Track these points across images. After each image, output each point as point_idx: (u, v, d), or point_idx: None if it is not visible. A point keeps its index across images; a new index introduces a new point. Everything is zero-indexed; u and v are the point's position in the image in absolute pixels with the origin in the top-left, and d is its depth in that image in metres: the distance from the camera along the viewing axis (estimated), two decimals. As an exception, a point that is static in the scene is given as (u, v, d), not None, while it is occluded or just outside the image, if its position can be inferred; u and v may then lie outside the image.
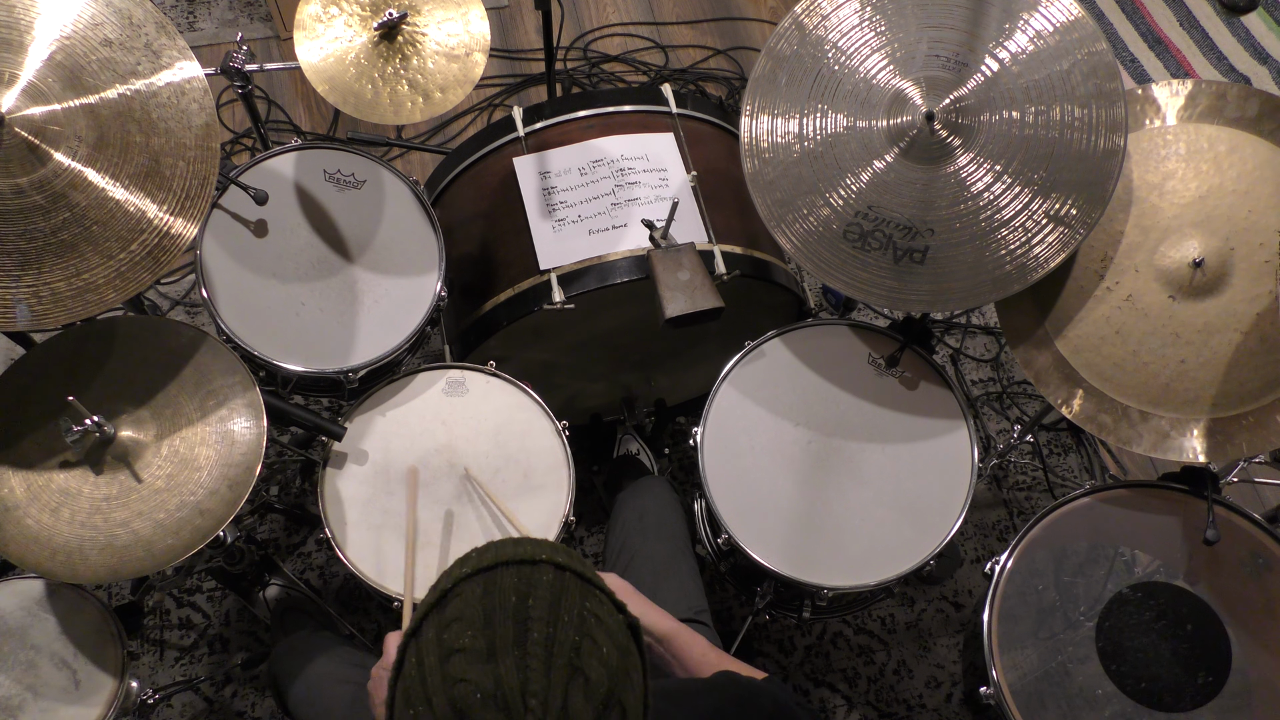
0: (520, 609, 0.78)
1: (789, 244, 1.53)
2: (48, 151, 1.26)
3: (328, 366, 1.62)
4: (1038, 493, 2.27)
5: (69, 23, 1.30)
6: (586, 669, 0.77)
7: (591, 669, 0.77)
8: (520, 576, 0.80)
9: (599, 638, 0.79)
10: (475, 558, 0.83)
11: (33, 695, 1.42)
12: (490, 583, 0.80)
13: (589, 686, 0.76)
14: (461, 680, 0.75)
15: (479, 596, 0.79)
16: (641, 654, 0.84)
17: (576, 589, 0.81)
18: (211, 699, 1.96)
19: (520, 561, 0.82)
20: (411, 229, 1.73)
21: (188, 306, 2.37)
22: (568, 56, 2.80)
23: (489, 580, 0.80)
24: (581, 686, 0.76)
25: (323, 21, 1.60)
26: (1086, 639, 1.48)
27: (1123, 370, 1.48)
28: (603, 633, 0.80)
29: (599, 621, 0.80)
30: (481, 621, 0.78)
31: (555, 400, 1.65)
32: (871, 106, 1.51)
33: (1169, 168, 1.50)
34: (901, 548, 1.54)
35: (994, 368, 2.42)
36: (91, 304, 1.27)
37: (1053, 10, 1.46)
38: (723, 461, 1.59)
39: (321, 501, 1.53)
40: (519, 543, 0.85)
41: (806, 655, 2.08)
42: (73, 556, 1.31)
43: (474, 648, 0.76)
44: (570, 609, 0.79)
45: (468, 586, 0.80)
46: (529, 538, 0.88)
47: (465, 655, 0.76)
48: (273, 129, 2.63)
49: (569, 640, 0.77)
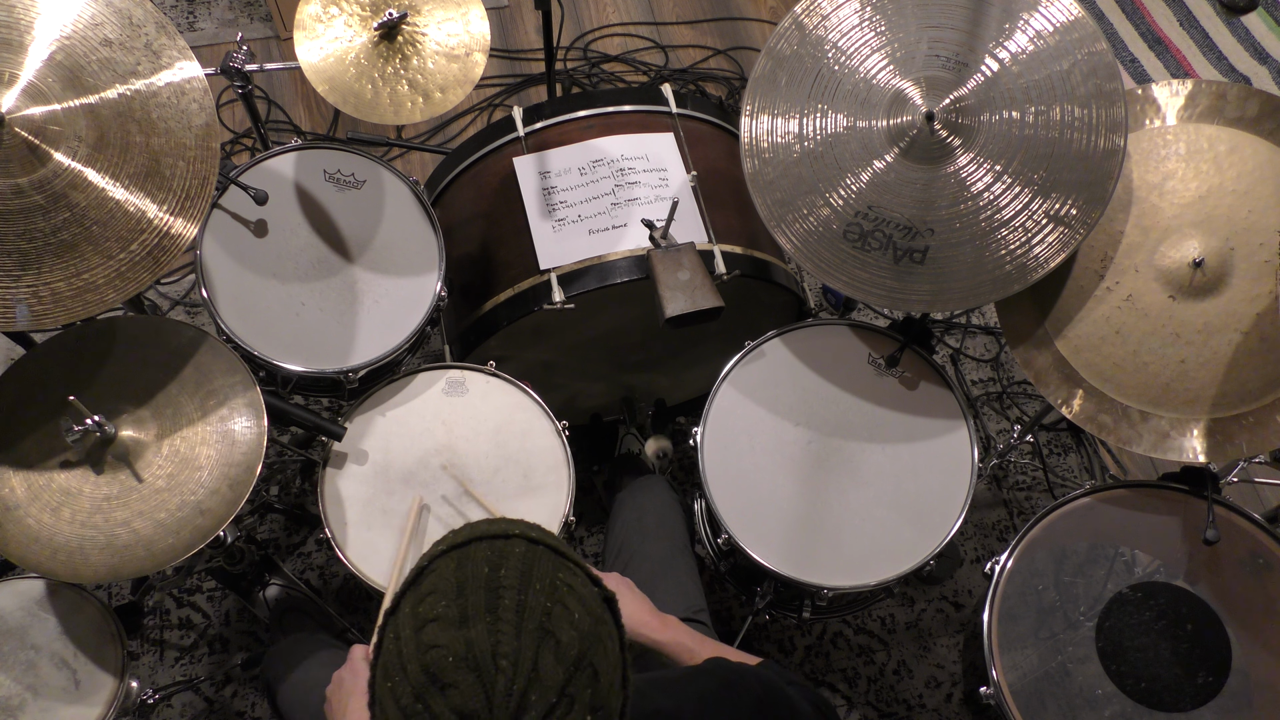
0: (492, 578, 0.80)
1: (789, 244, 1.53)
2: (48, 151, 1.26)
3: (328, 366, 1.62)
4: (1038, 493, 2.27)
5: (69, 23, 1.30)
6: (557, 632, 0.78)
7: (562, 632, 0.78)
8: (493, 549, 0.82)
9: (570, 604, 0.80)
10: (450, 537, 0.85)
11: (33, 695, 1.42)
12: (464, 557, 0.82)
13: (560, 648, 0.77)
14: (435, 646, 0.76)
15: (452, 570, 0.81)
16: (618, 627, 0.85)
17: (549, 560, 0.83)
18: (211, 699, 1.96)
19: (493, 536, 0.84)
20: (411, 229, 1.73)
21: (188, 306, 2.37)
22: (568, 56, 2.80)
23: (462, 555, 0.82)
24: (552, 648, 0.77)
25: (323, 21, 1.60)
26: (1086, 639, 1.48)
27: (1123, 370, 1.48)
28: (574, 600, 0.81)
29: (571, 590, 0.81)
30: (454, 592, 0.79)
31: (555, 400, 1.65)
32: (871, 106, 1.51)
33: (1169, 168, 1.50)
34: (901, 548, 1.54)
35: (994, 368, 2.42)
36: (91, 304, 1.27)
37: (1053, 10, 1.46)
38: (723, 461, 1.59)
39: (321, 501, 1.53)
40: (493, 521, 0.87)
41: (806, 655, 2.08)
42: (73, 556, 1.31)
43: (447, 616, 0.78)
44: (542, 578, 0.81)
45: (441, 562, 0.82)
46: (505, 517, 0.89)
47: (438, 623, 0.78)
48: (273, 129, 2.63)
49: (540, 606, 0.79)
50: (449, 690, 0.75)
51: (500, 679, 0.75)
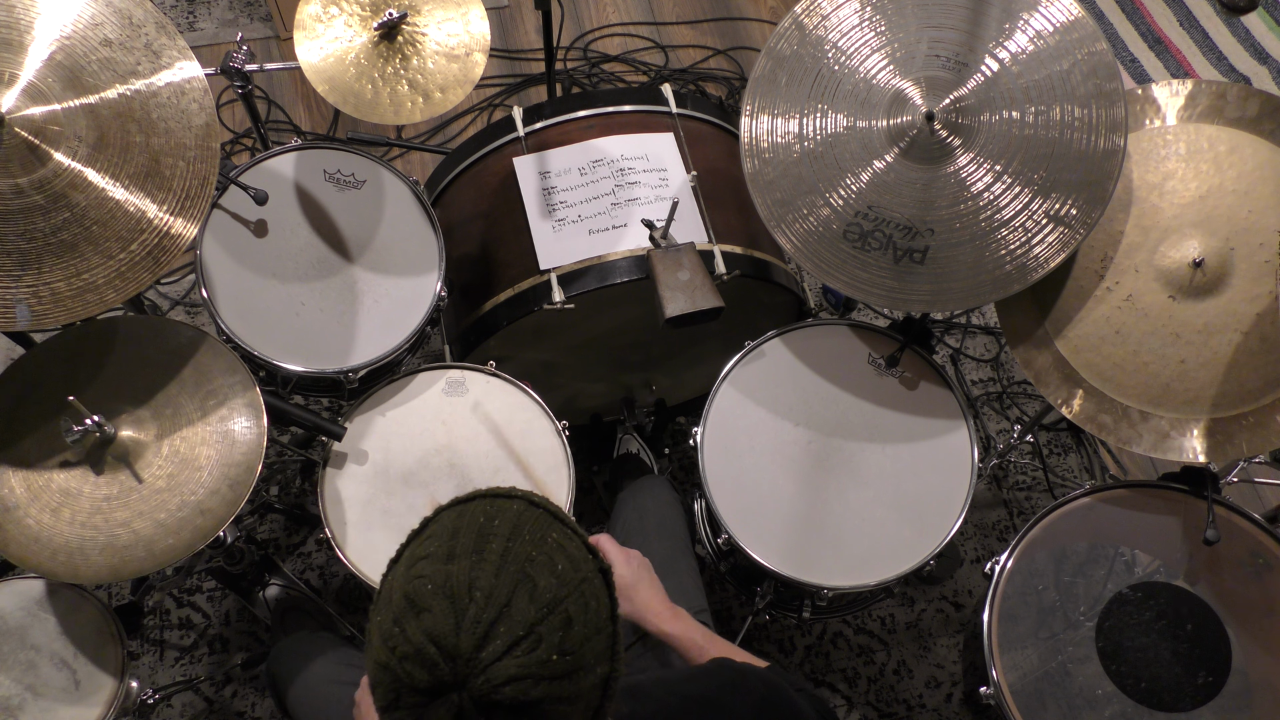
0: (486, 527, 0.84)
1: (789, 244, 1.53)
2: (48, 151, 1.26)
3: (328, 366, 1.62)
4: (1038, 493, 2.27)
5: (69, 23, 1.30)
6: (536, 577, 0.81)
7: (541, 578, 0.81)
8: (492, 505, 0.87)
9: (556, 557, 0.83)
10: (457, 497, 0.90)
11: (33, 695, 1.42)
12: (464, 509, 0.87)
13: (535, 590, 0.80)
14: (419, 578, 0.81)
15: (451, 519, 0.86)
16: (611, 598, 0.87)
17: (544, 520, 0.86)
18: (211, 699, 1.96)
19: (496, 495, 0.89)
20: (411, 229, 1.73)
21: (188, 306, 2.36)
22: (568, 56, 2.80)
23: (464, 508, 0.87)
24: (528, 590, 0.80)
25: (323, 21, 1.60)
26: (1086, 639, 1.48)
27: (1123, 370, 1.48)
28: (562, 555, 0.84)
29: (560, 548, 0.84)
30: (448, 535, 0.84)
31: (555, 400, 1.65)
32: (871, 106, 1.51)
33: (1169, 168, 1.50)
34: (901, 548, 1.54)
35: (994, 368, 2.42)
36: (91, 304, 1.27)
37: (1053, 10, 1.46)
38: (723, 461, 1.59)
39: (321, 501, 1.53)
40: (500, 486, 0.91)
41: (806, 655, 2.08)
42: (73, 556, 1.31)
43: (436, 554, 0.83)
44: (534, 531, 0.84)
45: (445, 513, 0.88)
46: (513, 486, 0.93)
47: (428, 560, 0.83)
48: (273, 129, 2.63)
49: (524, 553, 0.82)
50: (424, 614, 0.79)
51: (472, 608, 0.78)
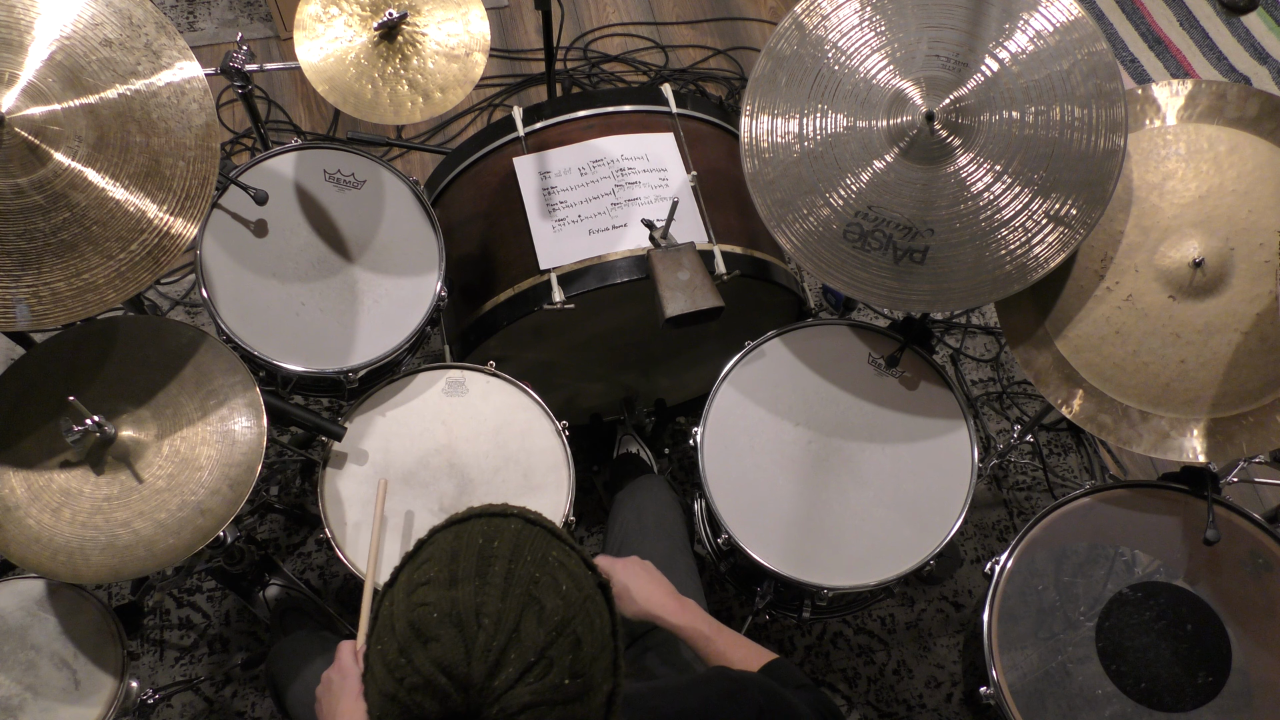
0: (485, 549, 0.83)
1: (789, 244, 1.53)
2: (48, 151, 1.26)
3: (328, 366, 1.62)
4: (1038, 493, 2.27)
5: (69, 23, 1.30)
6: (543, 599, 0.80)
7: (548, 599, 0.80)
8: (489, 525, 0.86)
9: (559, 577, 0.82)
10: (452, 516, 0.89)
11: (33, 695, 1.42)
12: (461, 530, 0.86)
13: (543, 613, 0.80)
14: (422, 605, 0.80)
15: (449, 541, 0.85)
16: (611, 612, 0.86)
17: (543, 539, 0.85)
18: (211, 699, 1.96)
19: (491, 514, 0.87)
20: (411, 229, 1.73)
21: (188, 306, 2.37)
22: (568, 56, 2.80)
23: (460, 529, 0.86)
24: (536, 613, 0.79)
25: (323, 21, 1.60)
26: (1086, 639, 1.48)
27: (1123, 370, 1.48)
28: (564, 574, 0.83)
29: (562, 566, 0.84)
30: (448, 558, 0.83)
31: (555, 400, 1.65)
32: (871, 106, 1.51)
33: (1169, 168, 1.50)
34: (901, 548, 1.54)
35: (994, 368, 2.42)
36: (91, 304, 1.27)
37: (1053, 10, 1.46)
38: (723, 461, 1.59)
39: (321, 501, 1.53)
40: (494, 504, 0.90)
41: (806, 655, 2.08)
42: (74, 556, 1.31)
43: (438, 579, 0.81)
44: (534, 551, 0.83)
45: (440, 535, 0.86)
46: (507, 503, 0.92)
47: (429, 585, 0.81)
48: (273, 129, 2.63)
49: (528, 575, 0.81)
50: (431, 644, 0.78)
51: (481, 635, 0.78)
